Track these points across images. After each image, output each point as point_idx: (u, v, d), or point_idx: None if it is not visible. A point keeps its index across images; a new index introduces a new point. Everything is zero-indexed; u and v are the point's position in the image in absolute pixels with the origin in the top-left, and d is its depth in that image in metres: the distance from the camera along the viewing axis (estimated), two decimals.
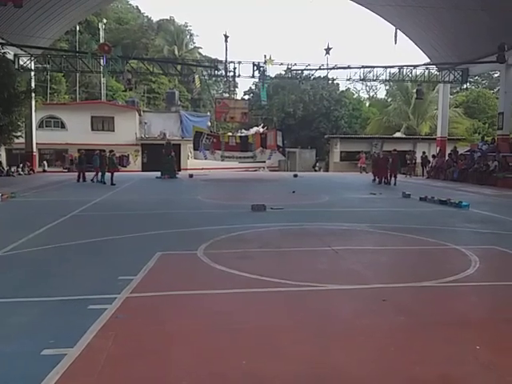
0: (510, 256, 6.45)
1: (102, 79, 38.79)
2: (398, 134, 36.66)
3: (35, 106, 26.06)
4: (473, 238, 7.90)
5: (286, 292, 4.68)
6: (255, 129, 35.61)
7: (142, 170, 31.65)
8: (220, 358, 3.20)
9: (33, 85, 24.45)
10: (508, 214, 10.61)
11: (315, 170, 28.08)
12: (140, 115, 35.51)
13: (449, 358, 3.23)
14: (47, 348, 3.26)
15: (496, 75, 43.07)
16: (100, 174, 18.84)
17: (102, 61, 22.22)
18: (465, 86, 36.03)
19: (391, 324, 3.89)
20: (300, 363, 3.14)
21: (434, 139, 29.16)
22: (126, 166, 32.27)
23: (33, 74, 25.24)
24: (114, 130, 33.53)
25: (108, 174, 18.15)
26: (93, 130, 33.20)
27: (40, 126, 31.10)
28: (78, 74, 35.86)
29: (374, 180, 20.53)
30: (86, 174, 19.60)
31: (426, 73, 26.10)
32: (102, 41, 35.56)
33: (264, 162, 27.70)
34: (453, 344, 3.48)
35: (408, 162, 26.40)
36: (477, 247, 6.81)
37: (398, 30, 24.10)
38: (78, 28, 38.48)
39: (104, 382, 2.87)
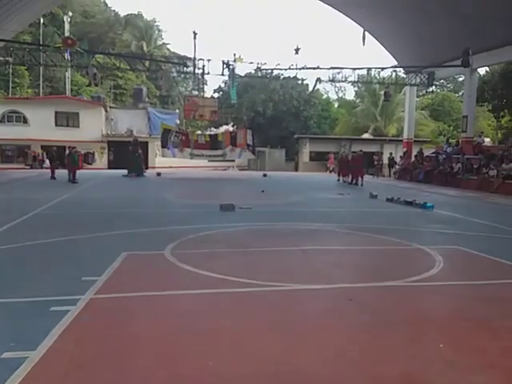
0: (472, 256, 6.63)
1: (67, 74, 37.73)
2: (365, 135, 37.37)
3: None
4: (437, 238, 8.09)
5: (253, 292, 4.68)
6: (225, 127, 35.44)
7: (109, 168, 31.00)
8: (186, 360, 3.16)
9: None
10: (471, 215, 10.98)
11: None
12: (106, 111, 34.75)
13: (413, 357, 3.29)
14: (7, 351, 3.15)
15: (461, 79, 44.51)
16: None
17: (66, 54, 21.59)
18: (431, 89, 37.05)
19: (356, 323, 3.94)
20: (266, 363, 3.14)
21: (401, 141, 29.86)
22: (91, 164, 31.54)
23: None
24: (78, 126, 32.68)
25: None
26: (57, 125, 32.26)
27: (1, 120, 30.06)
28: (41, 68, 34.76)
29: (339, 180, 20.89)
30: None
31: (394, 75, 26.70)
32: (67, 34, 34.49)
33: (233, 160, 27.67)
34: (416, 343, 3.54)
35: (375, 162, 26.96)
36: (441, 247, 6.97)
37: (366, 32, 24.50)
38: (42, 20, 37.28)
39: None
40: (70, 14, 39.89)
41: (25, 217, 9.05)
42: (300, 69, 24.16)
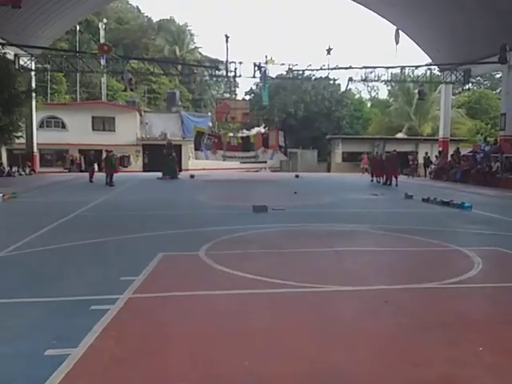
0: None
1: (103, 79, 38.80)
2: (399, 135, 36.65)
3: (36, 106, 26.07)
4: (475, 239, 7.88)
5: (287, 293, 4.68)
6: (256, 129, 35.60)
7: (143, 171, 31.65)
8: (222, 359, 3.20)
9: (33, 85, 24.48)
10: (510, 215, 10.61)
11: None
12: (141, 115, 35.52)
13: (451, 360, 3.22)
14: (50, 348, 3.26)
15: (498, 76, 43.00)
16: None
17: (102, 61, 22.23)
18: (467, 87, 35.94)
19: (393, 325, 3.89)
20: (301, 363, 3.15)
21: (437, 140, 29.12)
22: (126, 167, 32.29)
23: (33, 73, 25.26)
24: (114, 130, 33.56)
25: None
26: (93, 130, 33.23)
27: (41, 126, 31.13)
28: (78, 74, 35.83)
29: (372, 180, 20.60)
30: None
31: (428, 73, 26.10)
32: (102, 41, 35.56)
33: (266, 162, 27.73)
34: (455, 345, 3.48)
35: (410, 162, 26.41)
36: (479, 248, 6.79)
37: (399, 31, 24.09)
38: (78, 28, 38.49)
39: (107, 383, 2.87)
40: (105, 20, 41.09)
41: (65, 219, 9.35)
42: (332, 69, 24.02)
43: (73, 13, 24.15)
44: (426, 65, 26.56)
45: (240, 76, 24.05)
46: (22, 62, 23.58)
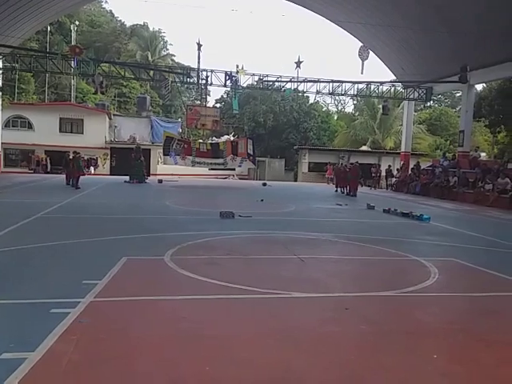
0: (467, 268, 6.70)
1: (72, 81, 38.05)
2: (364, 148, 37.62)
3: (2, 105, 25.40)
4: (433, 250, 8.17)
5: (252, 299, 4.74)
6: (226, 137, 35.65)
7: (111, 174, 31.14)
8: (183, 364, 3.21)
9: (0, 83, 23.75)
10: (466, 228, 11.07)
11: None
12: (110, 118, 35.01)
13: (408, 366, 3.35)
14: (6, 352, 3.19)
15: (458, 94, 44.90)
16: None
17: (72, 62, 21.83)
18: (428, 104, 37.36)
19: (353, 332, 3.99)
20: (263, 369, 3.19)
21: (398, 153, 30.06)
22: (94, 169, 31.73)
23: (1, 72, 24.56)
24: (83, 133, 32.95)
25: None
26: (61, 131, 32.54)
27: (6, 125, 30.28)
28: (47, 75, 35.10)
29: (337, 190, 21.05)
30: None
31: (392, 90, 26.92)
32: (73, 42, 34.94)
33: (234, 169, 27.81)
34: (412, 352, 3.60)
35: (373, 174, 27.11)
36: (436, 259, 7.05)
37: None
38: (49, 29, 37.72)
39: None
40: (77, 23, 40.45)
41: (27, 220, 9.11)
42: (301, 81, 24.42)
43: (44, 13, 23.67)
44: (391, 81, 27.43)
45: (211, 84, 24.12)
46: None
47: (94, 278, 5.04)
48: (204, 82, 23.84)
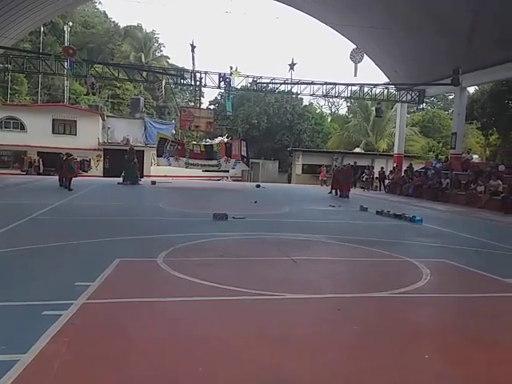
0: (459, 269, 6.76)
1: (66, 82, 37.95)
2: (357, 150, 37.74)
3: None
4: (425, 251, 8.22)
5: (245, 300, 4.76)
6: (220, 139, 35.64)
7: (104, 176, 31.01)
8: (176, 365, 3.22)
9: None
10: (458, 229, 11.16)
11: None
12: (103, 120, 34.90)
13: (399, 367, 3.37)
14: None
15: (451, 97, 45.22)
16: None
17: (65, 63, 21.75)
18: (421, 107, 37.49)
19: (345, 333, 4.02)
20: (256, 369, 3.21)
21: (391, 156, 30.21)
22: (87, 171, 31.59)
23: None
24: (76, 134, 32.82)
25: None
26: (54, 133, 32.39)
27: None
28: (40, 76, 34.92)
29: (331, 192, 21.08)
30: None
31: (385, 92, 27.06)
32: (66, 43, 34.85)
33: (228, 171, 27.80)
34: (403, 353, 3.63)
35: (366, 176, 27.21)
36: (428, 260, 7.10)
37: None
38: (42, 29, 37.59)
39: None
40: (71, 23, 40.32)
41: (19, 222, 9.05)
42: (295, 83, 24.50)
43: (38, 14, 23.57)
44: (384, 84, 27.55)
45: (205, 86, 24.13)
46: None
47: (86, 280, 5.03)
48: (198, 83, 23.86)
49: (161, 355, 3.36)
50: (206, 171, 26.69)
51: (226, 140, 29.98)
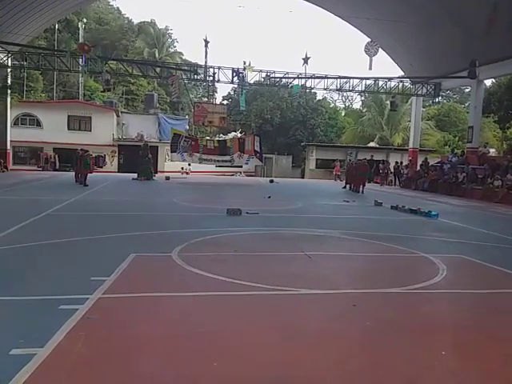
0: (476, 265, 6.66)
1: (80, 79, 38.30)
2: (371, 144, 37.42)
3: (11, 102, 25.59)
4: (441, 246, 8.11)
5: (259, 296, 4.75)
6: (233, 134, 35.70)
7: (119, 171, 31.33)
8: (191, 360, 3.22)
9: (9, 81, 23.96)
10: (474, 224, 11.00)
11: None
12: (118, 116, 35.20)
13: (415, 363, 3.33)
14: (16, 348, 3.21)
15: (467, 90, 44.42)
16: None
17: (80, 60, 21.95)
18: (437, 100, 37.05)
19: (360, 328, 3.98)
20: (271, 366, 3.20)
21: (407, 150, 29.88)
22: (101, 167, 31.93)
23: (9, 70, 24.77)
24: (90, 130, 33.20)
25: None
26: (69, 129, 32.80)
27: (15, 123, 30.57)
28: (55, 73, 35.31)
29: (345, 187, 20.93)
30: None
31: (400, 85, 26.76)
32: (81, 40, 35.09)
33: (241, 166, 27.88)
34: (419, 349, 3.58)
35: (381, 171, 26.98)
36: (444, 256, 7.00)
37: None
38: (57, 26, 37.96)
39: (73, 383, 2.87)
40: (85, 20, 40.59)
41: (36, 217, 9.18)
42: (308, 78, 24.35)
43: (52, 11, 23.84)
44: (399, 77, 27.24)
45: (218, 81, 24.16)
46: None
47: (102, 275, 5.07)
48: (211, 78, 23.87)
49: (175, 349, 3.37)
50: (219, 167, 26.77)
51: (239, 135, 30.05)
